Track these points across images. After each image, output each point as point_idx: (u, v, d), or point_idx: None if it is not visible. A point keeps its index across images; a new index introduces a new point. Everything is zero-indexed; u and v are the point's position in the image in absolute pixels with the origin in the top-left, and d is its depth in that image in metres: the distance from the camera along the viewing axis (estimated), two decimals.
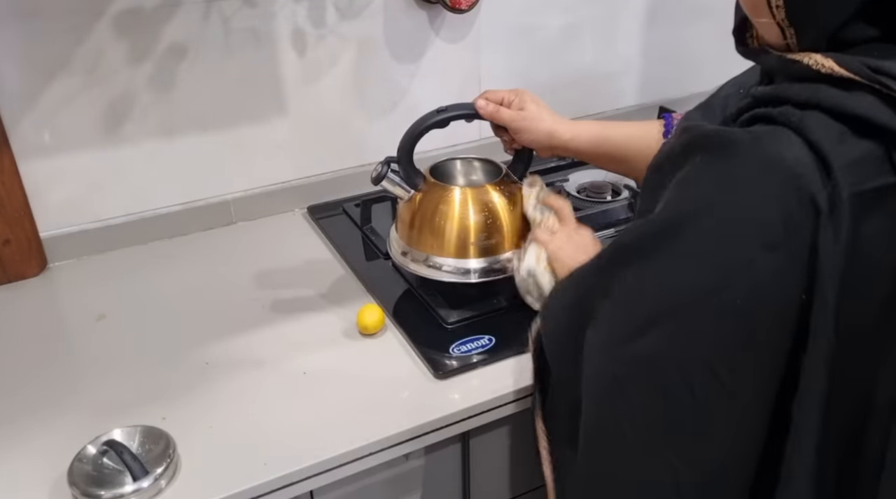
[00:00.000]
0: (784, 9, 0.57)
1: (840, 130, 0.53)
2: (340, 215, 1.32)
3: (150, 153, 1.22)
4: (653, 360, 0.58)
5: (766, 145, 0.54)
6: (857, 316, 0.54)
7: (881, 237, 0.52)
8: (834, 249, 0.52)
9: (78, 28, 1.10)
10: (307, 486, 0.83)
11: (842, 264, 0.52)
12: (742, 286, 0.54)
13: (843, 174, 0.52)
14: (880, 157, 0.52)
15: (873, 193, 0.52)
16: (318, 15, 1.25)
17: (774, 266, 0.53)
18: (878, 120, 0.52)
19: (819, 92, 0.54)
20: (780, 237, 0.53)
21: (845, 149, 0.52)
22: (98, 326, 1.06)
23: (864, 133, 0.52)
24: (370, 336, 1.01)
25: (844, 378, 0.56)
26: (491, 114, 1.00)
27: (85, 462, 0.79)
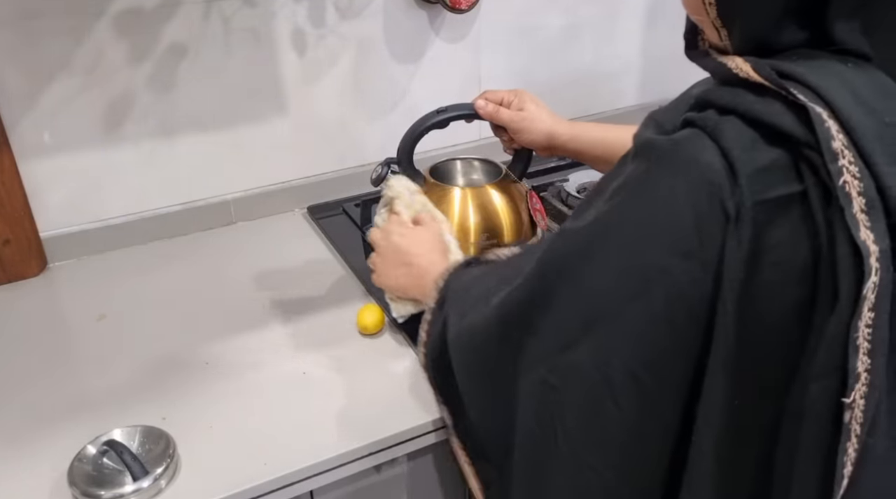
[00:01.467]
0: (715, 7, 0.57)
1: (752, 137, 0.52)
2: (340, 215, 1.32)
3: (150, 153, 1.22)
4: (583, 369, 0.59)
5: (683, 152, 0.54)
6: (762, 324, 0.54)
7: (786, 245, 0.52)
8: (736, 256, 0.52)
9: (78, 28, 1.10)
10: (307, 486, 0.83)
11: (743, 273, 0.52)
12: (660, 294, 0.55)
13: (749, 182, 0.51)
14: (787, 165, 0.52)
15: (778, 201, 0.51)
16: (318, 15, 1.25)
17: (690, 274, 0.54)
18: (784, 127, 0.51)
19: (737, 96, 0.54)
20: (694, 244, 0.53)
21: (754, 156, 0.52)
22: (98, 326, 1.06)
23: (774, 141, 0.52)
24: (370, 336, 1.01)
25: (751, 385, 0.55)
26: (490, 114, 1.00)
27: (85, 462, 0.79)
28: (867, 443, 0.51)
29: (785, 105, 0.52)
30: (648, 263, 0.55)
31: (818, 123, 0.50)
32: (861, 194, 0.49)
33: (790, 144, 0.52)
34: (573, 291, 0.60)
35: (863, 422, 0.51)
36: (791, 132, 0.51)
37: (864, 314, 0.49)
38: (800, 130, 0.51)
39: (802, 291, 0.52)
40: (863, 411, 0.51)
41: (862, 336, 0.50)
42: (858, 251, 0.49)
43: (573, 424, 0.61)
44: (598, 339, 0.58)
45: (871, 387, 0.50)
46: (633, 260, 0.56)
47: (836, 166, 0.49)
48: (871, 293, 0.49)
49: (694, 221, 0.53)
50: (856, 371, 0.50)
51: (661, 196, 0.55)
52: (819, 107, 0.51)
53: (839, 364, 0.51)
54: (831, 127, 0.50)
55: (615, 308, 0.57)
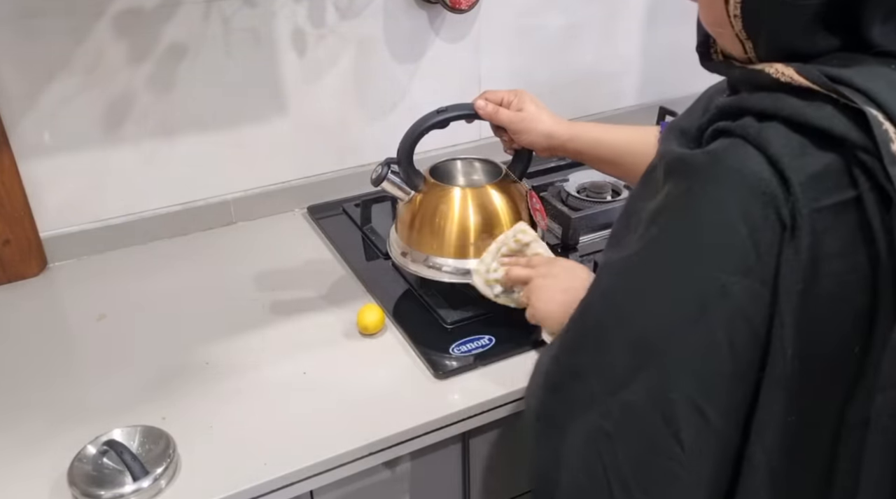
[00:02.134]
0: (741, 19, 0.56)
1: (800, 142, 0.51)
2: (340, 215, 1.32)
3: (150, 153, 1.22)
4: (638, 407, 0.56)
5: (725, 163, 0.52)
6: (821, 336, 0.52)
7: (844, 254, 0.51)
8: (794, 266, 0.50)
9: (78, 28, 1.10)
10: (307, 486, 0.83)
11: (801, 283, 0.51)
12: (719, 316, 0.52)
13: (803, 190, 0.50)
14: (840, 170, 0.50)
15: (833, 207, 0.50)
16: (318, 15, 1.25)
17: (750, 290, 0.52)
18: (837, 131, 0.50)
19: (779, 101, 0.52)
20: (752, 259, 0.51)
21: (805, 162, 0.50)
22: (98, 326, 1.06)
23: (824, 145, 0.51)
24: (370, 336, 1.01)
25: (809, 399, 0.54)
26: (490, 114, 1.00)
27: (85, 462, 0.79)
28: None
29: (836, 109, 0.50)
30: (704, 286, 0.53)
31: (876, 126, 0.49)
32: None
33: (841, 148, 0.50)
34: (622, 327, 0.57)
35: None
36: (845, 136, 0.50)
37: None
38: (855, 133, 0.50)
39: (862, 299, 0.51)
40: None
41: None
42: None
43: (630, 473, 0.57)
44: (653, 374, 0.55)
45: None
46: (687, 285, 0.54)
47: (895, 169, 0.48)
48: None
49: (748, 234, 0.51)
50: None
51: (708, 213, 0.53)
52: (874, 110, 0.49)
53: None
54: (889, 129, 0.49)
55: (670, 339, 0.54)
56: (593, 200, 1.31)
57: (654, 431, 0.55)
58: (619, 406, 0.57)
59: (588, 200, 1.30)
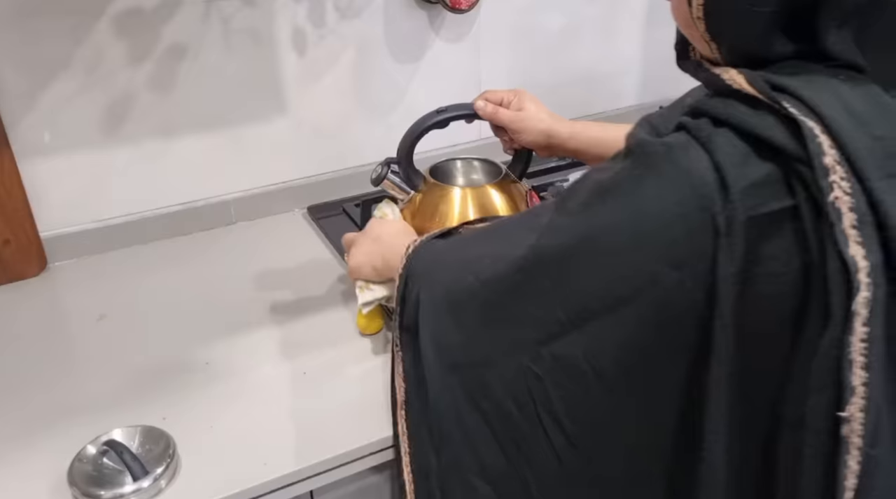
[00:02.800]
0: (703, 21, 0.57)
1: (744, 151, 0.52)
2: (340, 215, 1.32)
3: (150, 153, 1.22)
4: (572, 360, 0.60)
5: (676, 160, 0.54)
6: (760, 335, 0.54)
7: (779, 259, 0.52)
8: (729, 270, 0.52)
9: (78, 28, 1.10)
10: (307, 486, 0.83)
11: (737, 285, 0.52)
12: (650, 300, 0.55)
13: (742, 197, 0.51)
14: (779, 179, 0.51)
15: (770, 216, 0.51)
16: (318, 15, 1.25)
17: (680, 284, 0.53)
18: (776, 141, 0.51)
19: (729, 107, 0.54)
20: (684, 255, 0.53)
21: (746, 170, 0.51)
22: (98, 326, 1.06)
23: (766, 154, 0.52)
24: (370, 336, 1.01)
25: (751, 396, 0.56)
26: (490, 114, 1.00)
27: (85, 462, 0.79)
28: (869, 454, 0.51)
29: (777, 119, 0.51)
30: (638, 270, 0.55)
31: (810, 139, 0.50)
32: (852, 210, 0.49)
33: (782, 158, 0.51)
34: (562, 286, 0.60)
35: (863, 435, 0.50)
36: (783, 146, 0.51)
37: (857, 329, 0.49)
38: (791, 144, 0.51)
39: (795, 303, 0.52)
40: (862, 423, 0.50)
41: (856, 351, 0.49)
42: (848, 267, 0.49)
43: (562, 410, 0.61)
44: (589, 334, 0.59)
45: (870, 400, 0.50)
46: (624, 266, 0.56)
47: (826, 182, 0.49)
48: (864, 308, 0.49)
49: (684, 232, 0.53)
50: (851, 385, 0.50)
51: (651, 203, 0.55)
52: (812, 121, 0.50)
53: (834, 379, 0.50)
54: (823, 142, 0.50)
55: (605, 308, 0.57)
56: None
57: (587, 381, 0.59)
58: (551, 356, 0.61)
59: None
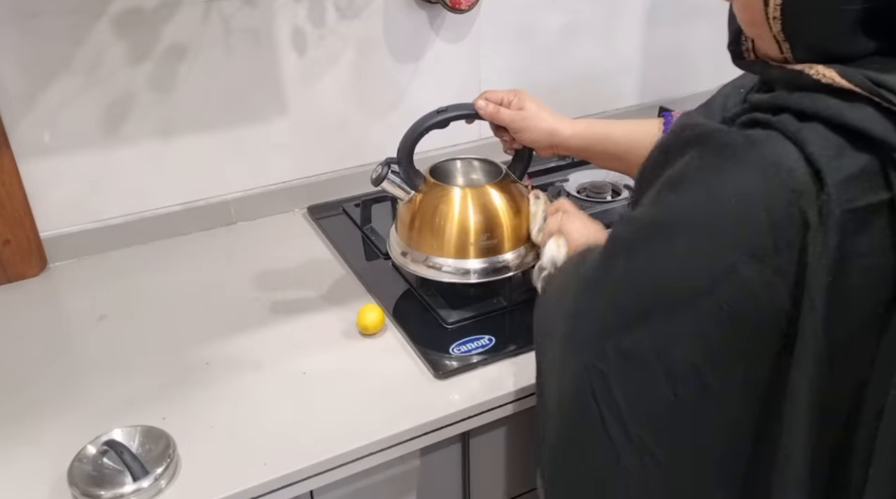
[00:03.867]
0: (780, 20, 0.56)
1: (838, 143, 0.52)
2: (340, 215, 1.32)
3: (150, 153, 1.22)
4: (638, 356, 0.59)
5: (762, 152, 0.54)
6: (846, 328, 0.54)
7: (874, 252, 0.52)
8: (822, 263, 0.52)
9: (78, 28, 1.10)
10: (307, 486, 0.83)
11: (827, 279, 0.52)
12: (727, 292, 0.54)
13: (838, 190, 0.51)
14: (876, 172, 0.52)
15: (866, 209, 0.52)
16: (318, 15, 1.25)
17: (761, 276, 0.53)
18: (875, 133, 0.51)
19: (819, 102, 0.54)
20: (768, 248, 0.53)
21: (842, 163, 0.52)
22: (98, 326, 1.06)
23: (861, 147, 0.52)
24: (370, 336, 1.01)
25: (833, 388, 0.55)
26: (491, 114, 1.00)
27: (85, 462, 0.79)
28: None
29: (877, 111, 0.52)
30: (717, 261, 0.55)
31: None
32: None
33: (879, 150, 0.52)
34: (634, 277, 0.60)
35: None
36: (883, 138, 0.51)
37: None
38: (892, 135, 0.51)
39: (886, 296, 0.53)
40: None
41: None
42: None
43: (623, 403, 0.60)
44: (659, 328, 0.58)
45: None
46: (702, 254, 0.55)
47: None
48: None
49: (769, 224, 0.52)
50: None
51: (733, 193, 0.54)
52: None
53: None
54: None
55: (678, 301, 0.57)
56: (593, 200, 1.31)
57: (654, 377, 0.58)
58: (616, 350, 0.60)
59: (588, 200, 1.30)
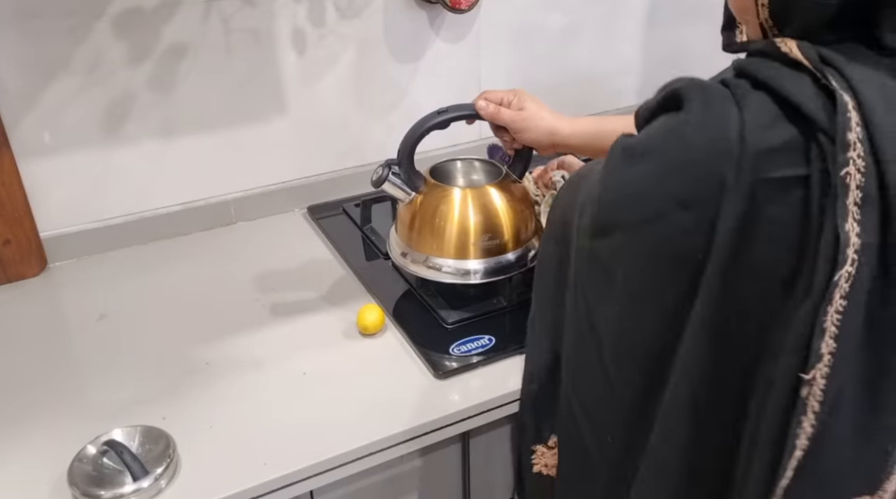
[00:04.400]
0: (768, 8, 0.59)
1: (774, 114, 0.54)
2: (340, 215, 1.32)
3: (150, 153, 1.22)
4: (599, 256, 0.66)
5: (710, 110, 0.56)
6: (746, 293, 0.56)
7: (780, 224, 0.54)
8: (728, 225, 0.54)
9: (78, 28, 1.10)
10: (307, 486, 0.83)
11: (733, 241, 0.55)
12: (655, 231, 0.58)
13: (756, 159, 0.53)
14: (799, 147, 0.53)
15: (781, 181, 0.53)
16: (318, 15, 1.25)
17: (682, 224, 0.57)
18: (806, 108, 0.53)
19: (770, 70, 0.56)
20: (693, 201, 0.56)
21: (768, 134, 0.53)
22: (98, 326, 1.06)
23: (794, 120, 0.53)
24: (370, 336, 1.01)
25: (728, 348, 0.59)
26: (491, 114, 1.00)
27: (85, 462, 0.79)
28: (826, 422, 0.54)
29: (816, 89, 0.53)
30: (654, 202, 0.58)
31: (841, 112, 0.51)
32: (859, 187, 0.51)
33: (808, 127, 0.53)
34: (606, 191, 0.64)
35: (822, 400, 0.53)
36: (812, 115, 0.52)
37: (835, 300, 0.52)
38: (821, 114, 0.52)
39: (786, 270, 0.55)
40: (822, 389, 0.53)
41: (830, 321, 0.52)
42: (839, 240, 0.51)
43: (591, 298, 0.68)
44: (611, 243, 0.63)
45: (834, 369, 0.53)
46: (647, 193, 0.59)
47: (843, 157, 0.51)
48: (845, 282, 0.51)
49: (696, 179, 0.56)
50: (819, 352, 0.53)
51: (677, 142, 0.57)
52: (847, 96, 0.52)
53: (805, 343, 0.53)
54: (852, 117, 0.51)
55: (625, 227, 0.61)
56: None
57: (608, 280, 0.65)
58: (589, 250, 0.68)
59: None
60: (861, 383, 0.55)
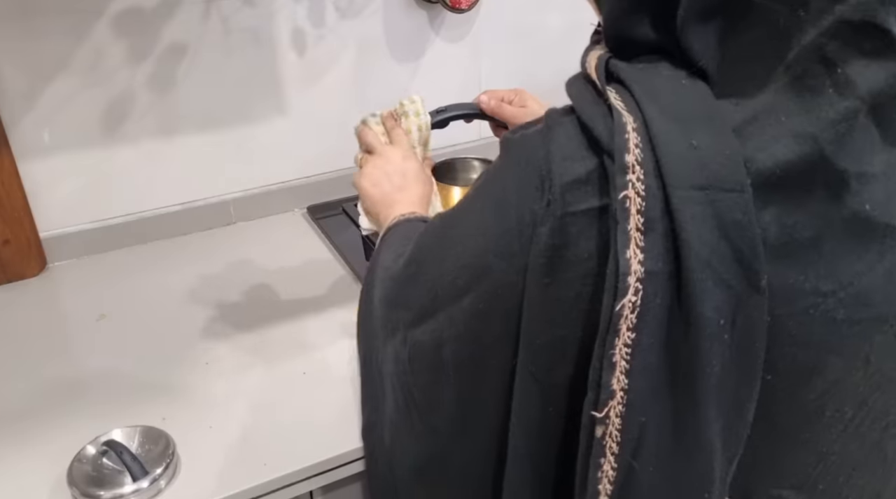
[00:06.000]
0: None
1: (579, 143, 0.50)
2: (340, 215, 1.32)
3: (149, 153, 1.22)
4: (425, 347, 0.62)
5: (522, 150, 0.53)
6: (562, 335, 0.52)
7: (584, 260, 0.49)
8: (538, 262, 0.50)
9: (78, 28, 1.10)
10: (307, 486, 0.83)
11: (545, 278, 0.50)
12: (484, 291, 0.54)
13: (562, 192, 0.49)
14: (601, 175, 0.49)
15: (585, 213, 0.49)
16: (318, 15, 1.25)
17: (506, 276, 0.52)
18: (595, 132, 0.49)
19: (580, 94, 0.52)
20: (514, 247, 0.52)
21: (573, 165, 0.49)
22: (98, 326, 1.06)
23: (595, 148, 0.49)
24: None
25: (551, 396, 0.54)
26: (494, 109, 1.00)
27: (84, 462, 0.79)
28: (630, 465, 0.49)
29: (605, 109, 0.49)
30: (478, 260, 0.55)
31: (619, 132, 0.47)
32: (640, 212, 0.46)
33: (601, 154, 0.49)
34: (426, 273, 0.62)
35: (621, 441, 0.48)
36: (600, 139, 0.49)
37: (622, 333, 0.47)
38: (606, 137, 0.48)
39: (590, 307, 0.50)
40: (619, 429, 0.48)
41: (619, 355, 0.47)
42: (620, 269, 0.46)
43: (421, 399, 0.64)
44: (437, 323, 0.60)
45: (630, 408, 0.48)
46: (468, 254, 0.56)
47: (623, 180, 0.46)
48: (631, 313, 0.46)
49: (517, 223, 0.51)
50: (609, 388, 0.47)
51: (496, 192, 0.54)
52: (630, 116, 0.48)
53: (597, 379, 0.48)
54: (630, 138, 0.47)
55: (452, 297, 0.58)
56: None
57: (435, 370, 0.61)
58: (412, 341, 0.64)
59: None
60: (667, 423, 0.49)
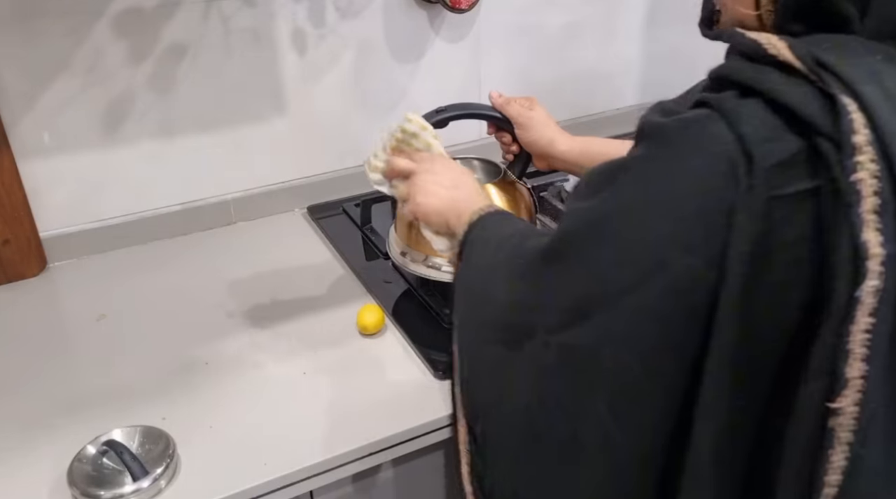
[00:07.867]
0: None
1: (774, 124, 0.49)
2: (340, 215, 1.32)
3: (150, 153, 1.22)
4: (578, 352, 0.58)
5: (692, 136, 0.51)
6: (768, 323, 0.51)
7: (800, 244, 0.49)
8: (742, 250, 0.49)
9: (78, 28, 1.10)
10: (307, 486, 0.83)
11: (749, 268, 0.49)
12: (656, 288, 0.52)
13: (766, 175, 0.48)
14: (807, 158, 0.48)
15: (794, 196, 0.49)
16: (318, 15, 1.25)
17: (691, 269, 0.51)
18: (805, 113, 0.48)
19: (761, 74, 0.51)
20: (698, 238, 0.50)
21: (775, 146, 0.49)
22: (98, 326, 1.06)
23: (796, 129, 0.49)
24: (370, 336, 1.01)
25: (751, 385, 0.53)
26: (501, 105, 1.01)
27: (85, 462, 0.79)
28: (859, 453, 0.49)
29: (813, 92, 0.49)
30: (646, 256, 0.53)
31: (843, 114, 0.47)
32: (877, 194, 0.46)
33: (810, 134, 0.48)
34: (573, 274, 0.59)
35: (855, 430, 0.48)
36: (813, 120, 0.48)
37: (858, 319, 0.47)
38: (823, 119, 0.48)
39: (810, 292, 0.50)
40: (855, 418, 0.48)
41: (857, 342, 0.47)
42: (858, 253, 0.46)
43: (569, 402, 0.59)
44: (593, 326, 0.56)
45: (866, 395, 0.48)
46: (632, 250, 0.54)
47: (851, 162, 0.46)
48: (872, 298, 0.46)
49: (698, 213, 0.50)
50: (844, 377, 0.48)
51: (661, 184, 0.52)
52: (847, 97, 0.48)
53: (830, 368, 0.48)
54: (856, 120, 0.47)
55: (610, 298, 0.55)
56: None
57: (591, 376, 0.57)
58: (558, 345, 0.59)
59: None
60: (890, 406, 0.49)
